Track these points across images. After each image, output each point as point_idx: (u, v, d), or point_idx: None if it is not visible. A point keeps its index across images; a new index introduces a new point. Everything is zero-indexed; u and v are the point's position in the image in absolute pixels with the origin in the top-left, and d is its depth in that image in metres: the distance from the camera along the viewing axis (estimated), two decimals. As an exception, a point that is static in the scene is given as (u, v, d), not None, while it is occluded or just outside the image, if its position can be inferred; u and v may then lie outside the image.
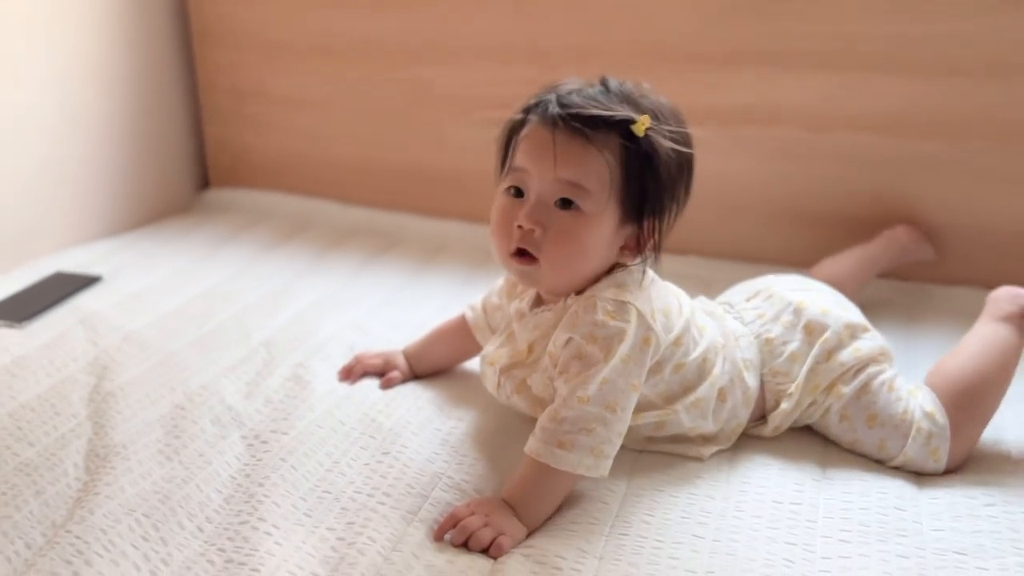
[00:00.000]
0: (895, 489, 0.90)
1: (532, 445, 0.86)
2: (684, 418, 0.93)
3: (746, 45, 1.38)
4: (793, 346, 0.98)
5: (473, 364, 1.13)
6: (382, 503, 0.86)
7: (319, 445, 0.95)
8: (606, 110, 0.86)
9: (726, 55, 1.39)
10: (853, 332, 0.99)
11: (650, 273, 0.95)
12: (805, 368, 0.97)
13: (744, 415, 0.98)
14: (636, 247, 0.91)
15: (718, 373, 0.95)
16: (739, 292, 1.10)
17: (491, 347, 1.00)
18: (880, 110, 1.34)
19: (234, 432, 0.98)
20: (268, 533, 0.80)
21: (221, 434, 0.97)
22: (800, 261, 1.35)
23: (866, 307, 1.10)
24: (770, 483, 0.91)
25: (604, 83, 0.91)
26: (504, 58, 1.52)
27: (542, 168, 0.87)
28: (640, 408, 0.90)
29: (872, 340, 0.99)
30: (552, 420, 0.85)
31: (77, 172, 1.53)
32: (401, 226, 1.63)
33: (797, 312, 1.00)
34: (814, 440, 0.99)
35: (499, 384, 0.97)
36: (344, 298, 1.36)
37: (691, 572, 0.78)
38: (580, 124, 0.86)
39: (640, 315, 0.88)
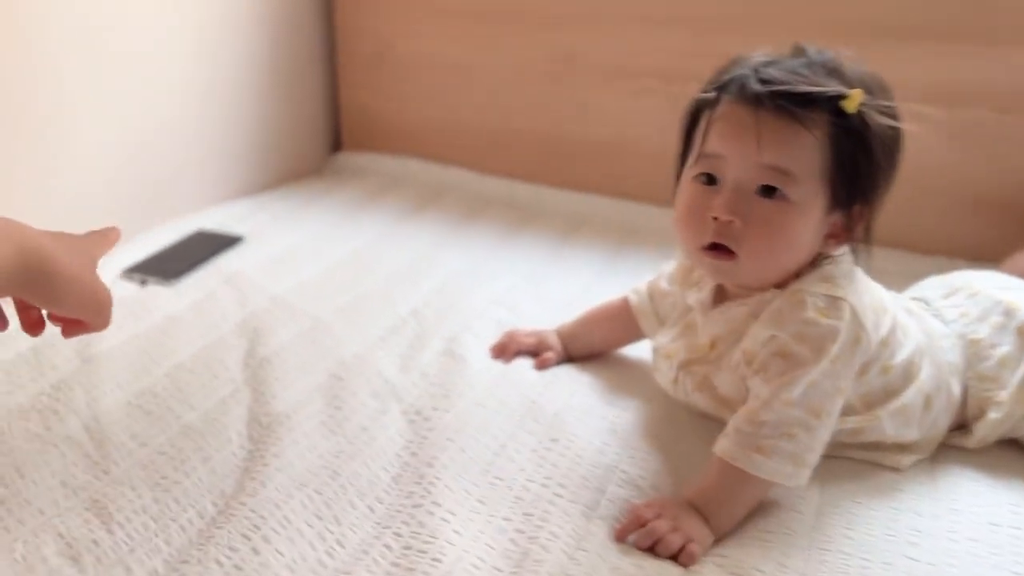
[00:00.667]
0: None
1: (726, 447, 0.79)
2: (887, 425, 0.85)
3: (933, 17, 1.26)
4: (1004, 349, 0.89)
5: (630, 350, 1.07)
6: (559, 495, 0.81)
7: (483, 427, 0.90)
8: (813, 85, 0.77)
9: (910, 28, 1.27)
10: None
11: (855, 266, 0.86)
12: (1020, 375, 0.87)
13: (944, 423, 0.89)
14: (844, 235, 0.83)
15: (925, 378, 0.86)
16: (933, 287, 1.00)
17: (665, 339, 0.94)
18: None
19: (394, 406, 0.94)
20: (445, 520, 0.76)
21: (381, 408, 0.94)
22: (983, 255, 1.24)
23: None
24: (981, 501, 0.82)
25: (802, 53, 0.82)
26: (655, 25, 1.43)
27: (742, 153, 0.79)
28: (841, 412, 0.82)
29: None
30: (750, 423, 0.79)
31: (213, 132, 1.52)
32: (540, 199, 1.57)
33: (1008, 313, 0.90)
34: (1021, 454, 0.90)
35: (676, 380, 0.91)
36: (486, 271, 1.31)
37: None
38: (786, 102, 0.77)
39: (854, 312, 0.80)
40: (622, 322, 1.04)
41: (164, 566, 0.71)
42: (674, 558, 0.74)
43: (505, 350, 1.06)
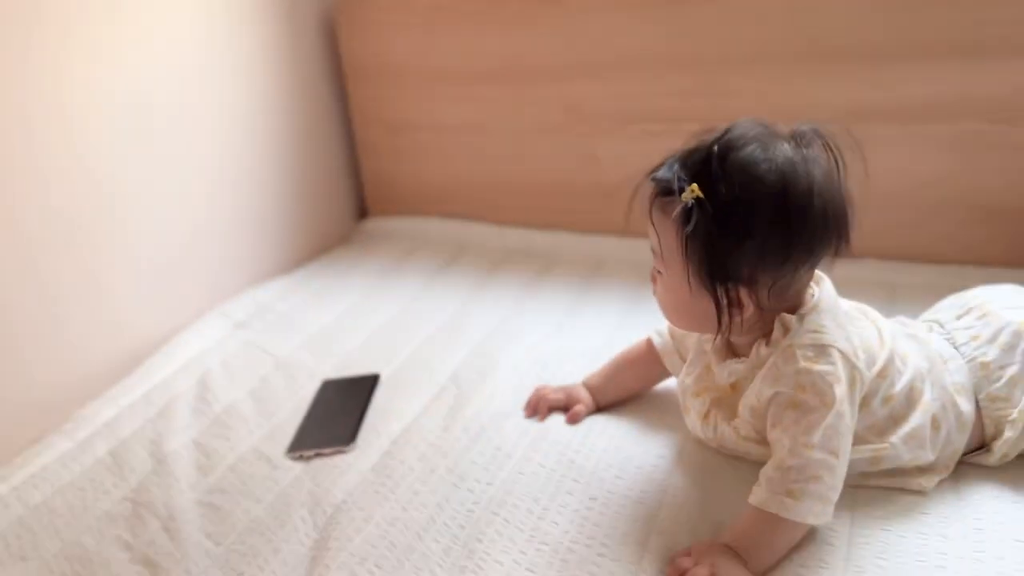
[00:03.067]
0: None
1: (759, 496, 0.85)
2: (902, 451, 0.90)
3: (926, 36, 1.29)
4: (1013, 369, 0.93)
5: (652, 392, 1.13)
6: (602, 555, 0.87)
7: (526, 492, 0.97)
8: (671, 182, 0.84)
9: (903, 48, 1.31)
10: None
11: (843, 304, 0.92)
12: None
13: (960, 442, 0.93)
14: (740, 306, 0.87)
15: (928, 400, 0.91)
16: (948, 308, 1.05)
17: (690, 378, 1.00)
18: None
19: (441, 470, 1.02)
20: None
21: (429, 469, 1.02)
22: (994, 260, 1.27)
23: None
24: (1005, 518, 0.86)
25: (725, 143, 0.85)
26: (654, 70, 1.48)
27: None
28: (854, 443, 0.87)
29: None
30: (778, 470, 0.84)
31: (247, 219, 1.61)
32: (558, 246, 1.63)
33: (1017, 333, 0.94)
34: (1042, 466, 0.93)
35: (708, 414, 0.97)
36: (515, 326, 1.37)
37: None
38: (654, 191, 0.88)
39: (843, 355, 0.86)
40: (647, 364, 1.10)
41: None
42: (711, 600, 0.80)
43: (537, 409, 1.12)
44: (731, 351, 0.95)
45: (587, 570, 0.85)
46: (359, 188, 1.87)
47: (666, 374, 1.09)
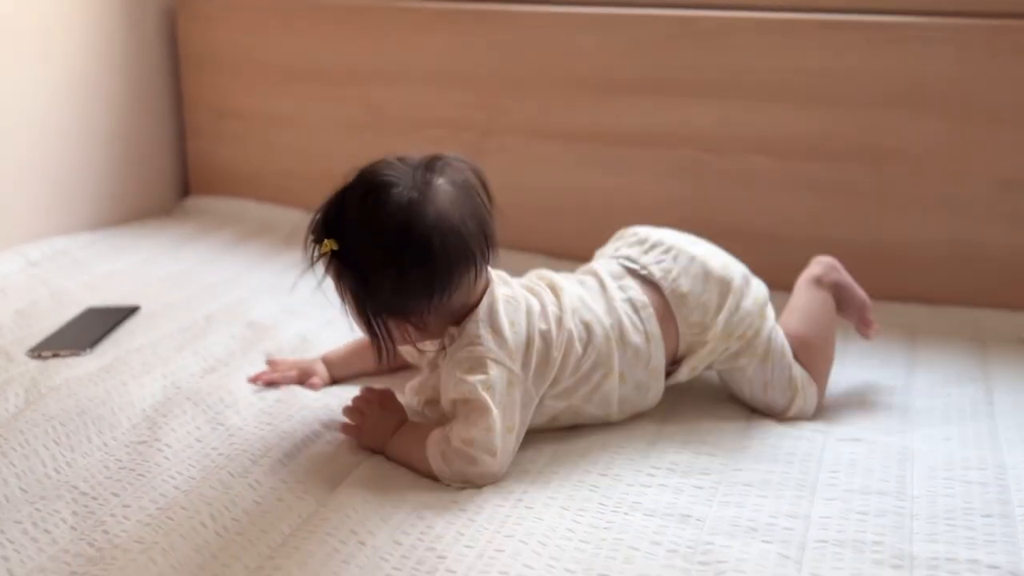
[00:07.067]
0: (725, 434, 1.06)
1: (430, 440, 0.95)
2: (593, 408, 1.04)
3: (648, 75, 1.56)
4: (705, 298, 1.07)
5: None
6: (267, 424, 1.02)
7: (221, 387, 1.11)
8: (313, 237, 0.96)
9: (632, 84, 1.57)
10: (747, 279, 1.10)
11: (512, 291, 1.00)
12: (721, 319, 1.06)
13: (658, 388, 1.07)
14: (416, 330, 0.96)
15: (616, 363, 1.02)
16: (628, 246, 1.13)
17: (416, 381, 1.07)
18: (766, 135, 1.50)
19: (158, 374, 1.15)
20: (161, 451, 0.96)
21: (144, 372, 1.15)
22: None
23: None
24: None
25: (352, 194, 0.96)
26: (444, 84, 1.71)
27: None
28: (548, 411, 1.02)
29: (759, 283, 1.10)
30: (444, 440, 0.94)
31: (68, 176, 1.74)
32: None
33: (704, 266, 1.08)
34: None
35: (422, 412, 1.06)
36: (282, 288, 1.48)
37: (504, 494, 0.93)
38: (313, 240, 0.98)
39: (496, 363, 0.94)
40: None
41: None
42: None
43: (260, 377, 1.14)
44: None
45: (250, 438, 0.99)
46: (184, 168, 2.01)
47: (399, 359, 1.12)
